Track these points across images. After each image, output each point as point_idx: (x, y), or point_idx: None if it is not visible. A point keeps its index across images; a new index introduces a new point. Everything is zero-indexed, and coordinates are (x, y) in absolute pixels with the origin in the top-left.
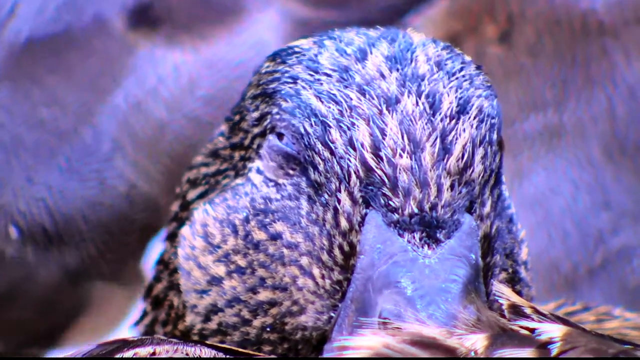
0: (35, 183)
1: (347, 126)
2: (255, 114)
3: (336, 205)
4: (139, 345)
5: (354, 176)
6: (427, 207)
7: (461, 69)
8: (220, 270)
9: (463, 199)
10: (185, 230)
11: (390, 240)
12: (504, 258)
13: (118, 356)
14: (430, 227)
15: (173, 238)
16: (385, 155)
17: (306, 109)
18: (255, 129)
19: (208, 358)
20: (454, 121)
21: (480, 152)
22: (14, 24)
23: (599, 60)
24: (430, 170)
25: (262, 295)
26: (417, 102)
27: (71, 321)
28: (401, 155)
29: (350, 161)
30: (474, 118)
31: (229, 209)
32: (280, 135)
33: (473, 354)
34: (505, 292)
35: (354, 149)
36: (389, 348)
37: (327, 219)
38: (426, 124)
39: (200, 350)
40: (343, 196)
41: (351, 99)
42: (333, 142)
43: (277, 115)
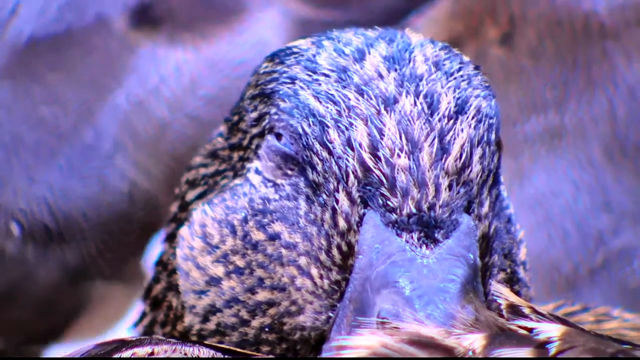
0: (36, 182)
1: (345, 126)
2: (253, 115)
3: (334, 205)
4: (137, 345)
5: (352, 176)
6: (425, 207)
7: (459, 69)
8: (218, 270)
9: (461, 199)
10: (184, 231)
11: (389, 240)
12: (502, 258)
13: (116, 356)
14: (428, 227)
15: (172, 239)
16: (383, 155)
17: (304, 109)
18: (254, 130)
19: (206, 358)
20: (452, 121)
21: (478, 152)
22: (16, 23)
23: (600, 62)
24: (429, 170)
25: (261, 295)
26: (415, 102)
27: (71, 319)
28: (399, 155)
29: (349, 161)
30: (472, 118)
31: (228, 210)
32: (278, 136)
33: (471, 353)
34: (503, 292)
35: (352, 149)
36: (386, 348)
37: (326, 219)
38: (424, 124)
39: (199, 350)
40: (341, 196)
41: (349, 99)
42: (331, 142)
43: (276, 116)
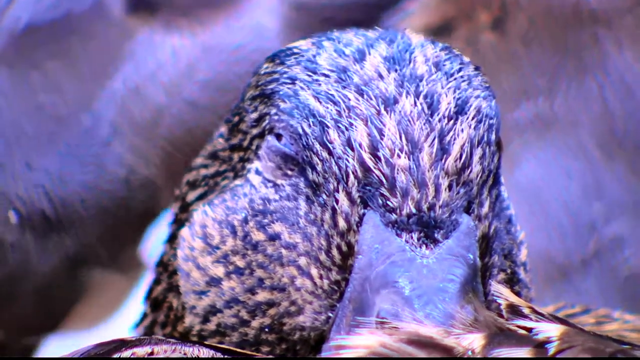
0: (34, 169)
1: (345, 126)
2: (253, 115)
3: (334, 206)
4: (137, 345)
5: (352, 176)
6: (425, 207)
7: (459, 70)
8: (219, 271)
9: (461, 199)
10: (184, 232)
11: (388, 240)
12: (502, 259)
13: (116, 356)
14: (428, 227)
15: (173, 240)
16: (383, 155)
17: (304, 109)
18: (254, 130)
19: (206, 358)
20: (452, 121)
21: (478, 153)
22: (13, 10)
23: (590, 49)
24: (428, 171)
25: (261, 295)
26: (415, 103)
27: (69, 308)
28: (399, 156)
29: (348, 161)
30: (472, 118)
31: (228, 210)
32: (278, 136)
33: (470, 353)
34: (503, 292)
35: (352, 149)
36: (385, 347)
37: (325, 219)
38: (424, 124)
39: (199, 351)
40: (341, 196)
41: (349, 99)
42: (331, 143)
43: (276, 116)
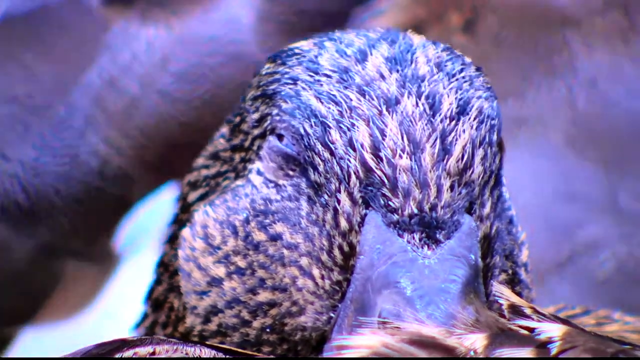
0: (9, 159)
1: (347, 127)
2: (255, 116)
3: (336, 206)
4: (139, 345)
5: (353, 177)
6: (427, 208)
7: (461, 70)
8: (220, 271)
9: (463, 199)
10: (185, 232)
11: (390, 240)
12: (503, 259)
13: (118, 356)
14: (429, 228)
15: (173, 240)
16: (385, 155)
17: (306, 109)
18: (256, 131)
19: (208, 358)
20: (453, 122)
21: (480, 153)
22: None
23: (560, 51)
24: (430, 171)
25: (262, 296)
26: (417, 103)
27: (45, 299)
28: (401, 156)
29: (350, 162)
30: (474, 119)
31: (229, 210)
32: (280, 137)
33: (472, 353)
34: (505, 293)
35: (354, 150)
36: (387, 347)
37: (327, 219)
38: (426, 124)
39: (200, 350)
40: (343, 197)
41: (351, 99)
42: (333, 143)
43: (277, 117)
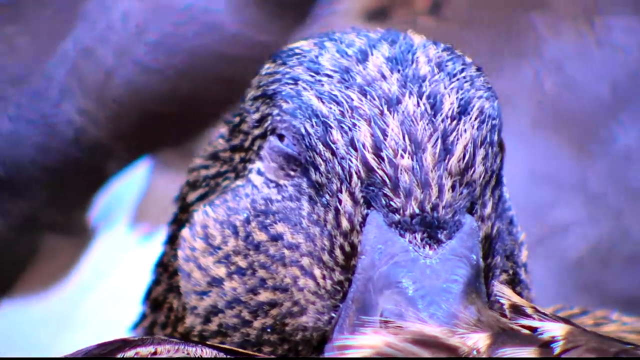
0: None
1: (349, 127)
2: (255, 116)
3: (337, 206)
4: (140, 344)
5: (355, 177)
6: (429, 208)
7: (462, 70)
8: (220, 271)
9: (464, 199)
10: (185, 232)
11: (392, 240)
12: (504, 259)
13: (119, 356)
14: (431, 228)
15: (173, 240)
16: (387, 155)
17: (307, 109)
18: (256, 131)
19: (209, 358)
20: (455, 122)
21: (481, 153)
22: None
23: (526, 33)
24: (432, 171)
25: (263, 296)
26: (418, 103)
27: (21, 272)
28: (402, 156)
29: (352, 162)
30: (475, 119)
31: (230, 211)
32: (281, 137)
33: (475, 353)
34: (506, 293)
35: (355, 150)
36: (391, 347)
37: (329, 219)
38: (427, 124)
39: (202, 350)
40: (344, 197)
41: (352, 99)
42: (334, 143)
43: (278, 117)
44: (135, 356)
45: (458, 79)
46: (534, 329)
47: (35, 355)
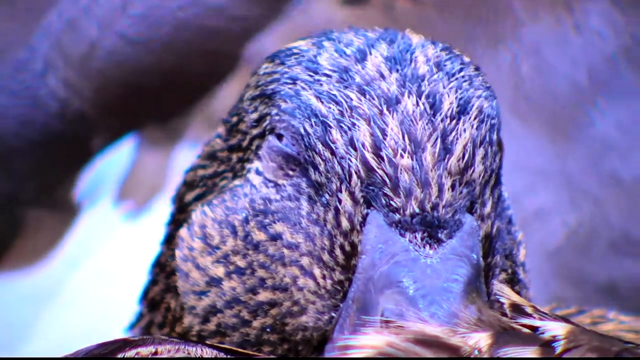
0: None
1: (348, 126)
2: (254, 116)
3: (337, 206)
4: (141, 344)
5: (355, 176)
6: (429, 207)
7: (460, 70)
8: (219, 271)
9: (464, 199)
10: (183, 232)
11: (392, 240)
12: (503, 259)
13: (120, 356)
14: (431, 227)
15: (170, 240)
16: (386, 155)
17: (306, 109)
18: (254, 130)
19: (210, 358)
20: (454, 121)
21: (480, 153)
22: None
23: (504, 17)
24: (432, 170)
25: (262, 295)
26: (418, 103)
27: (6, 246)
28: (402, 155)
29: (351, 161)
30: (475, 118)
31: (228, 210)
32: (279, 136)
33: (477, 352)
34: (506, 292)
35: (355, 149)
36: (392, 347)
37: (328, 219)
38: (427, 124)
39: (202, 350)
40: (344, 196)
41: (351, 99)
42: (334, 142)
43: (277, 116)
44: (136, 356)
45: (457, 79)
46: (535, 329)
47: (32, 337)
